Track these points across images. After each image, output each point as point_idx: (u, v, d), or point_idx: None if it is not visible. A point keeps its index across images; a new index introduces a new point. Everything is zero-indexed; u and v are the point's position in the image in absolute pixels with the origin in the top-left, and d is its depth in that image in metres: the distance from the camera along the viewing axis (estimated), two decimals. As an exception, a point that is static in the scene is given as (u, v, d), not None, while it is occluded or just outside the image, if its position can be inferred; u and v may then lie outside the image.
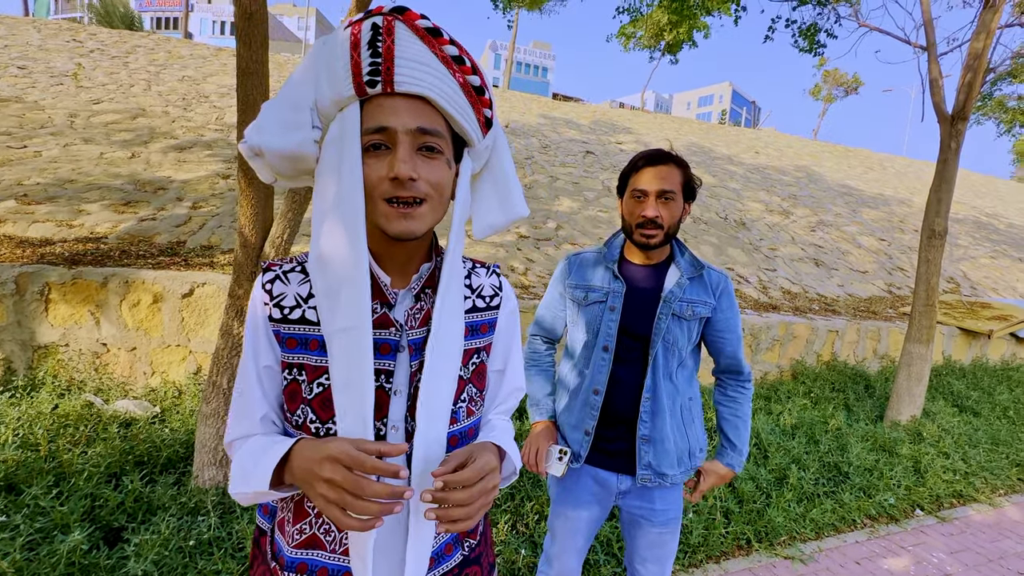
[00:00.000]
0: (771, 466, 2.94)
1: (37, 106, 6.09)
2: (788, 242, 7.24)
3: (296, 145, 0.63)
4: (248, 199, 1.97)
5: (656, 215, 1.24)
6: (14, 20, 9.99)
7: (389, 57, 0.59)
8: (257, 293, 0.70)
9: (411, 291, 0.72)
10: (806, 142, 15.49)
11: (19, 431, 2.35)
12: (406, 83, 0.61)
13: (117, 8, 25.75)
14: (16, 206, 3.96)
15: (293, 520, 0.71)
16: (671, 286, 1.30)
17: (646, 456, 1.31)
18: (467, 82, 0.65)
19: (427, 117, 0.63)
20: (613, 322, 1.31)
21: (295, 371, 0.69)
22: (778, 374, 4.55)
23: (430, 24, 0.62)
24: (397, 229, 0.63)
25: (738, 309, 1.37)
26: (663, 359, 1.30)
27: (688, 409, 1.36)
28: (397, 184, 0.61)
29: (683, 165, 1.29)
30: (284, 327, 0.68)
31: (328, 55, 0.63)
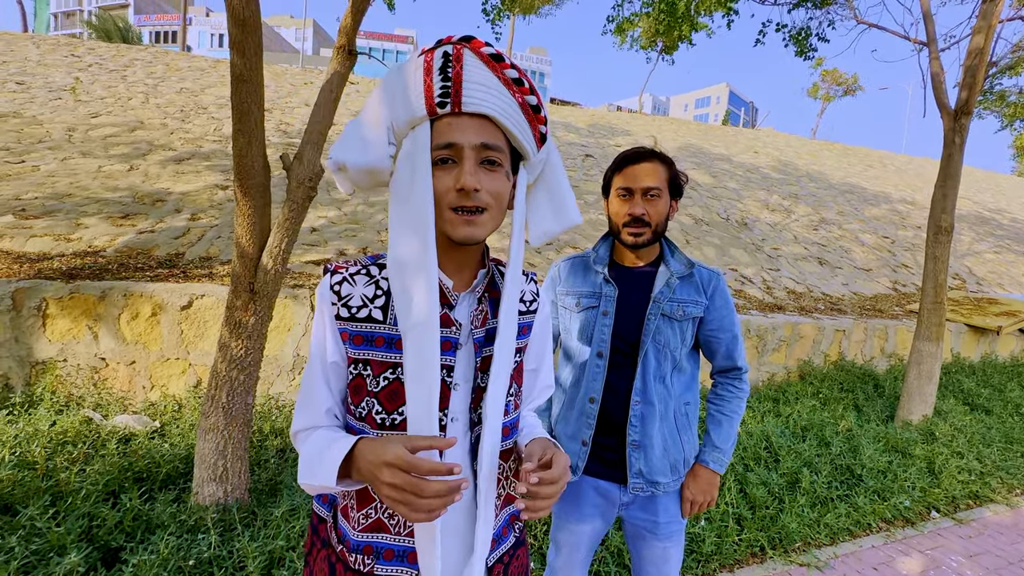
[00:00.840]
0: (783, 470, 2.88)
1: (35, 121, 6.09)
2: (791, 241, 7.20)
3: (375, 160, 0.72)
4: (244, 209, 1.93)
5: (643, 212, 1.22)
6: (13, 36, 10.04)
7: (458, 81, 0.67)
8: (325, 294, 0.76)
9: (474, 294, 0.79)
10: (805, 141, 15.47)
11: (16, 449, 2.31)
12: (472, 104, 0.68)
13: (115, 23, 25.93)
14: (14, 221, 3.94)
15: (357, 506, 0.76)
16: (661, 286, 1.27)
17: (636, 463, 1.27)
18: (525, 102, 0.72)
19: (490, 134, 0.70)
20: (607, 327, 1.28)
21: (360, 366, 0.75)
22: (785, 375, 4.49)
23: (493, 51, 0.70)
24: (462, 235, 0.70)
25: (733, 307, 1.33)
26: (655, 361, 1.26)
27: (684, 415, 1.31)
28: (463, 194, 0.68)
29: (668, 162, 1.27)
30: (352, 325, 0.75)
31: (403, 79, 0.71)
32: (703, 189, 8.44)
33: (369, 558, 0.74)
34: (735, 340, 1.32)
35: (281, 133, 7.11)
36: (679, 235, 6.38)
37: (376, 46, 53.52)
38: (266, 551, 1.83)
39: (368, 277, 0.77)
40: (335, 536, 0.79)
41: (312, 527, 0.86)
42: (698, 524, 2.35)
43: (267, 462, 2.54)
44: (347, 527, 0.76)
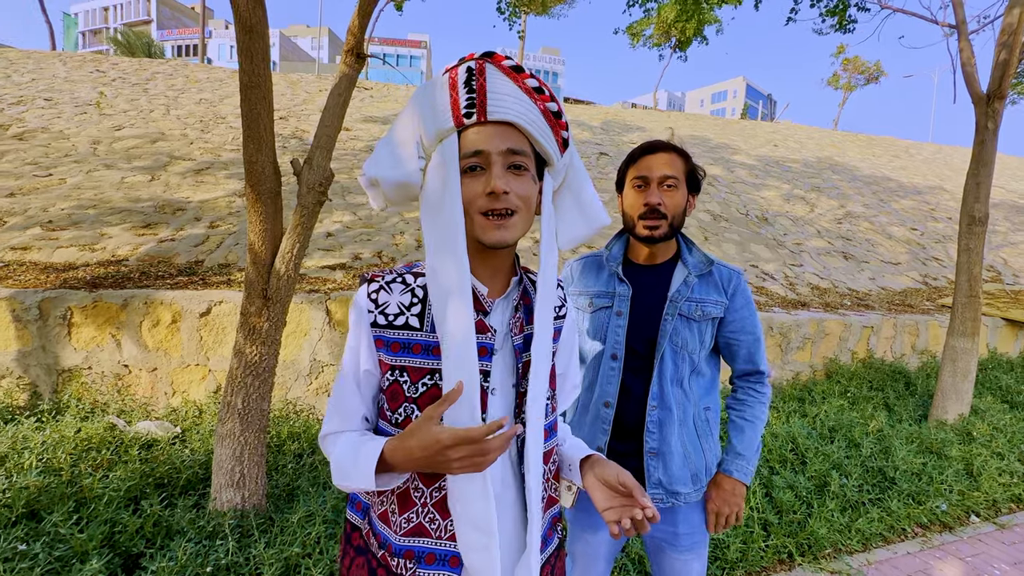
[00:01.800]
0: (810, 473, 2.78)
1: (62, 135, 6.28)
2: (814, 236, 7.00)
3: (406, 175, 0.75)
4: (257, 214, 1.94)
5: (659, 202, 1.17)
6: (42, 55, 10.40)
7: (482, 92, 0.71)
8: (362, 302, 0.78)
9: (509, 300, 0.82)
10: (826, 132, 15.08)
11: (43, 456, 2.36)
12: (497, 112, 0.72)
13: (139, 39, 26.74)
14: (41, 233, 4.06)
15: (399, 511, 0.77)
16: (678, 285, 1.22)
17: (655, 472, 1.20)
18: (547, 108, 0.75)
19: (515, 139, 0.73)
20: (620, 328, 1.22)
21: (397, 372, 0.77)
22: (811, 374, 4.35)
23: (513, 63, 0.74)
24: (493, 238, 0.72)
25: (755, 307, 1.27)
26: (672, 364, 1.20)
27: (704, 420, 1.25)
28: (492, 198, 0.71)
29: (685, 155, 1.22)
30: (389, 332, 0.77)
31: (429, 96, 0.74)
32: (721, 184, 8.27)
33: (411, 562, 0.75)
34: (757, 343, 1.26)
35: (297, 140, 7.20)
36: (696, 232, 6.26)
37: (390, 51, 54.10)
38: (282, 558, 1.83)
39: (404, 285, 0.79)
40: (375, 542, 0.80)
41: (345, 535, 0.88)
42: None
43: (284, 467, 2.55)
44: (388, 532, 0.78)
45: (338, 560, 0.92)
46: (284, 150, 6.53)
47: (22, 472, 2.18)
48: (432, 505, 0.75)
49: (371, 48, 1.74)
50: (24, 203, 4.52)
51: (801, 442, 3.04)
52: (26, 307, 2.99)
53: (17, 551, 1.71)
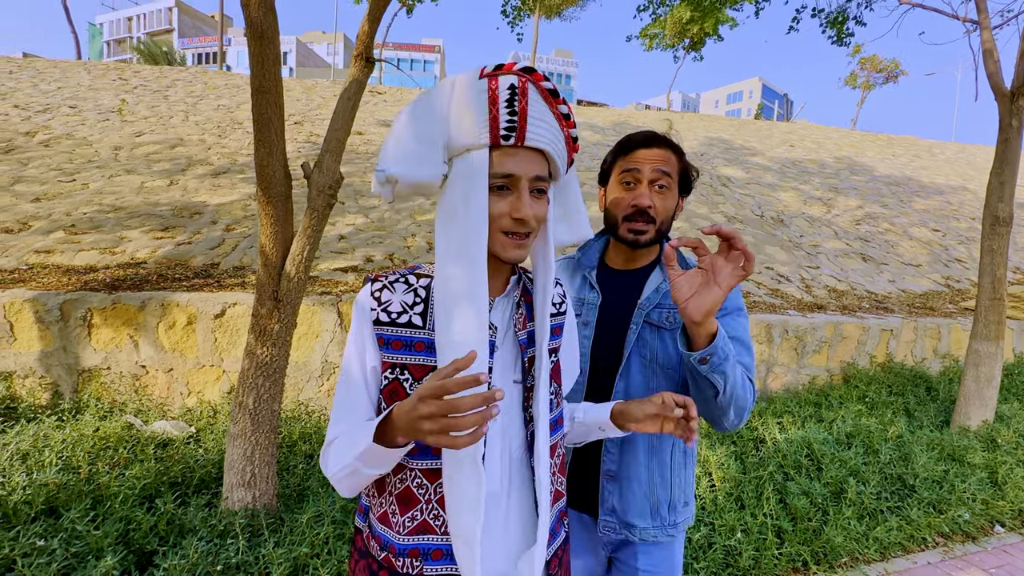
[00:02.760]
0: (826, 479, 2.71)
1: (86, 141, 6.45)
2: (831, 237, 6.87)
3: (428, 176, 0.74)
4: (268, 217, 1.96)
5: (650, 204, 1.05)
6: (68, 64, 10.72)
7: (523, 116, 0.71)
8: (365, 301, 0.79)
9: (510, 298, 0.84)
10: (844, 132, 14.82)
11: (63, 454, 2.41)
12: (534, 140, 0.72)
13: (160, 48, 27.43)
14: (64, 236, 4.17)
15: (400, 511, 0.77)
16: (649, 291, 1.09)
17: (610, 498, 1.08)
18: (569, 135, 0.78)
19: (542, 166, 0.75)
20: (586, 339, 1.10)
21: (398, 371, 0.77)
22: (828, 378, 4.26)
23: (551, 86, 0.74)
24: (513, 257, 0.75)
25: (740, 308, 1.08)
26: (641, 378, 1.06)
27: (682, 450, 1.11)
28: (518, 222, 0.73)
29: (680, 152, 1.11)
30: (391, 330, 0.77)
31: (463, 102, 0.72)
32: (735, 185, 8.17)
33: (417, 560, 0.75)
34: (742, 347, 1.04)
35: (311, 144, 7.30)
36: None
37: (404, 56, 54.63)
38: (291, 558, 1.84)
39: (407, 285, 0.80)
40: (375, 544, 0.79)
41: (352, 539, 0.90)
42: (733, 537, 2.23)
43: (295, 468, 2.58)
44: (389, 534, 0.78)
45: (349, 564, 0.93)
46: (299, 154, 6.62)
47: (42, 469, 2.23)
48: (436, 502, 0.75)
49: (385, 53, 1.74)
50: (48, 207, 4.66)
51: (816, 448, 2.97)
52: (48, 308, 3.07)
53: (36, 547, 1.75)
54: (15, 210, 4.54)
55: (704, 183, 8.05)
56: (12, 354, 3.09)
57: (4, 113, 7.13)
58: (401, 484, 0.77)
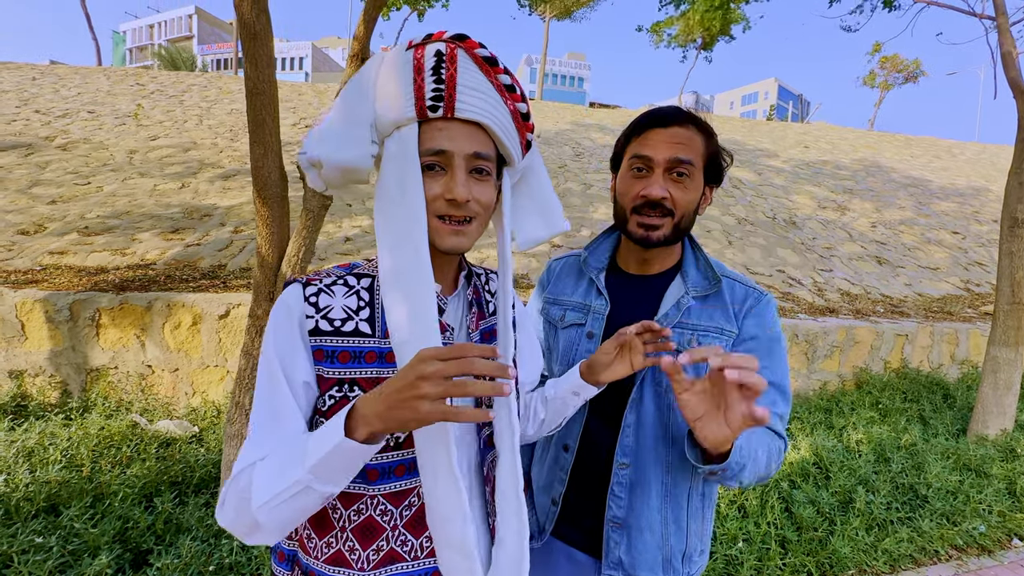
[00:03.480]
0: (834, 488, 2.64)
1: (102, 145, 6.60)
2: (845, 240, 6.73)
3: (355, 159, 0.67)
4: (264, 219, 1.97)
5: (663, 195, 0.87)
6: (88, 70, 10.99)
7: (451, 84, 0.64)
8: (297, 306, 0.67)
9: (462, 297, 0.78)
10: (861, 133, 14.54)
11: (67, 451, 2.45)
12: (466, 110, 0.65)
13: (180, 54, 28.04)
14: (78, 238, 4.25)
15: (363, 544, 0.68)
16: (669, 306, 0.92)
17: (616, 549, 0.92)
18: (516, 109, 0.70)
19: (481, 142, 0.67)
20: (590, 354, 0.93)
21: (347, 387, 0.66)
22: (839, 384, 4.16)
23: (488, 53, 0.66)
24: (449, 244, 0.67)
25: (781, 343, 0.91)
26: (654, 409, 0.90)
27: (700, 495, 0.94)
28: (452, 204, 0.66)
29: (709, 132, 0.91)
30: (335, 340, 0.67)
31: (389, 76, 0.66)
32: (747, 187, 8.06)
33: None
34: (778, 394, 0.88)
35: (321, 147, 7.37)
36: (720, 235, 6.10)
37: (417, 60, 54.98)
38: (283, 559, 1.84)
39: (347, 287, 0.71)
40: None
41: None
42: (735, 546, 2.18)
43: (294, 468, 2.58)
44: (349, 573, 0.68)
45: None
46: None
47: (46, 467, 2.26)
48: (404, 526, 0.69)
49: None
50: (63, 210, 4.76)
51: (825, 455, 2.90)
52: (58, 308, 3.13)
53: (34, 544, 1.78)
54: (31, 212, 4.65)
55: (715, 185, 7.94)
56: (23, 353, 3.16)
57: (26, 118, 7.33)
58: (359, 516, 0.68)
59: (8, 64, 10.74)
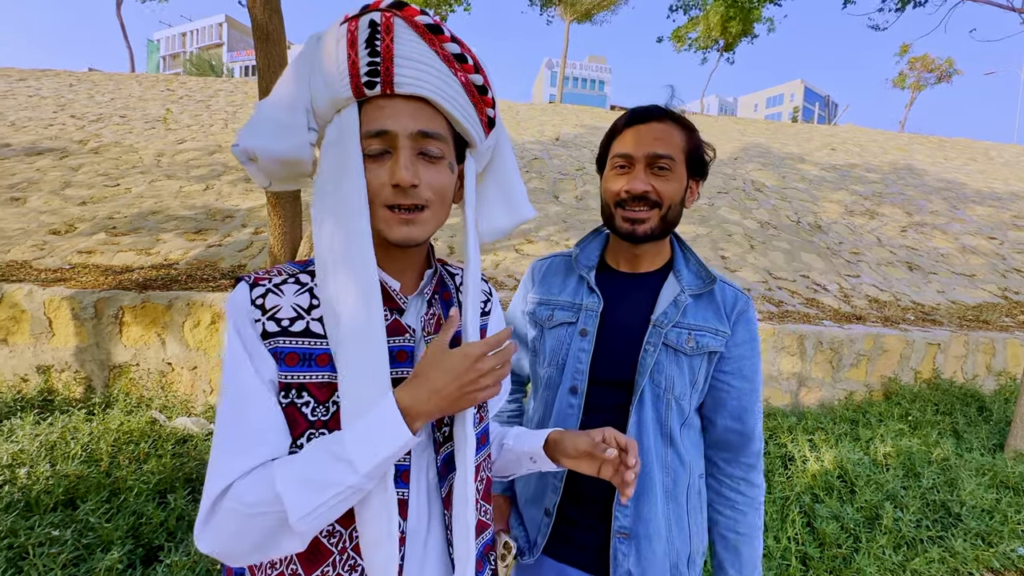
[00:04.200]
0: (859, 503, 2.52)
1: (132, 149, 6.80)
2: (873, 245, 6.51)
3: (292, 148, 0.61)
4: (277, 220, 1.98)
5: (646, 188, 0.88)
6: (121, 77, 11.38)
7: (388, 56, 0.57)
8: (243, 308, 0.61)
9: (422, 297, 0.71)
10: (891, 135, 14.10)
11: (88, 446, 2.50)
12: (406, 84, 0.58)
13: (209, 61, 28.91)
14: (105, 238, 4.38)
15: (306, 570, 0.61)
16: (666, 304, 0.92)
17: (625, 561, 0.89)
18: (469, 81, 0.62)
19: (428, 119, 0.61)
20: (584, 353, 0.93)
21: (293, 393, 0.60)
22: (866, 394, 4.00)
23: (430, 20, 0.59)
24: (398, 235, 0.61)
25: (759, 347, 0.95)
26: (653, 411, 0.90)
27: (698, 491, 0.95)
28: (399, 191, 0.60)
29: (687, 127, 0.93)
30: (284, 341, 0.60)
31: (323, 53, 0.60)
32: (770, 190, 7.87)
33: None
34: (752, 396, 0.93)
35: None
36: (742, 240, 5.96)
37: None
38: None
39: (299, 286, 0.64)
40: None
41: None
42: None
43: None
44: None
45: None
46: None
47: (66, 461, 2.31)
48: (352, 549, 0.61)
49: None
50: (93, 210, 4.91)
51: (850, 469, 2.78)
52: (84, 306, 3.22)
53: (50, 537, 1.81)
54: (63, 213, 4.81)
55: (737, 188, 7.79)
56: (50, 349, 3.25)
57: (61, 123, 7.61)
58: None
59: (48, 71, 11.20)
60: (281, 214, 1.91)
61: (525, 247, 5.08)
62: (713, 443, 0.97)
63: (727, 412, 0.93)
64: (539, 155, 8.09)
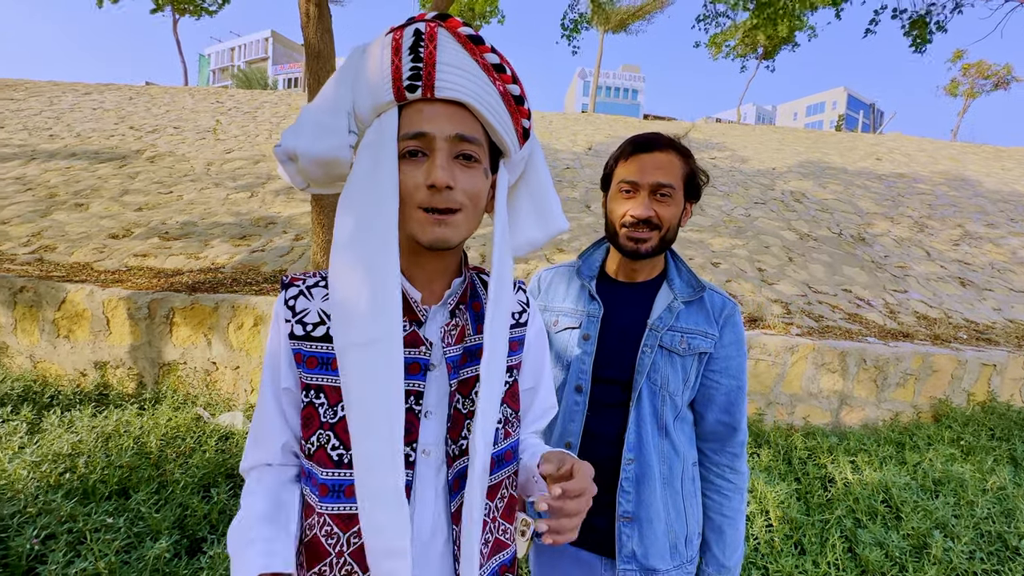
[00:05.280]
0: (905, 530, 2.40)
1: (184, 158, 7.19)
2: (922, 259, 6.21)
3: (331, 149, 0.62)
4: (319, 225, 2.06)
5: (650, 214, 0.98)
6: (176, 90, 12.06)
7: (431, 62, 0.59)
8: (279, 309, 0.67)
9: (445, 307, 0.69)
10: (943, 144, 13.45)
11: (139, 439, 2.64)
12: (447, 88, 0.59)
13: (256, 74, 30.27)
14: (159, 242, 4.64)
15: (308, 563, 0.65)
16: (660, 310, 1.02)
17: (628, 542, 0.99)
18: (507, 91, 0.64)
19: (466, 124, 0.62)
20: (587, 355, 1.03)
21: (312, 393, 0.65)
22: (914, 415, 3.81)
23: (472, 32, 0.61)
24: (431, 238, 0.61)
25: (745, 348, 1.06)
26: (650, 406, 1.00)
27: (691, 478, 1.05)
28: (434, 192, 0.60)
29: (686, 154, 1.03)
30: (306, 345, 0.65)
31: (368, 60, 0.62)
32: (809, 201, 7.64)
33: None
34: (739, 393, 1.04)
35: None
36: (780, 252, 5.80)
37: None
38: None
39: (327, 290, 0.67)
40: None
41: None
42: (791, 584, 2.02)
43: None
44: None
45: None
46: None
47: (120, 453, 2.45)
48: (350, 555, 0.63)
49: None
50: (148, 216, 5.21)
51: (896, 493, 2.65)
52: (138, 306, 3.41)
53: (105, 523, 1.92)
54: (121, 218, 5.12)
55: (775, 199, 7.59)
56: (107, 346, 3.46)
57: (121, 134, 8.12)
58: (310, 531, 0.65)
59: (111, 85, 11.97)
60: (324, 222, 1.99)
61: (557, 256, 5.09)
62: (703, 435, 1.07)
63: (716, 406, 1.04)
64: (571, 165, 8.10)
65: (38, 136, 7.76)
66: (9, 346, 3.55)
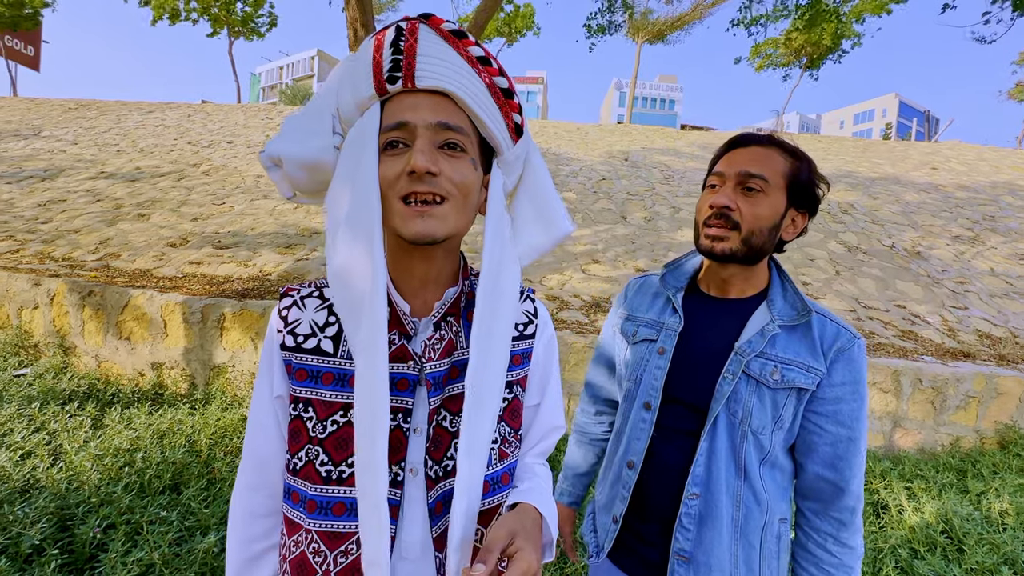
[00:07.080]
0: (968, 564, 2.24)
1: (236, 171, 7.58)
2: (984, 274, 5.83)
3: (315, 151, 0.61)
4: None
5: (727, 203, 0.85)
6: (229, 107, 12.76)
7: (411, 54, 0.57)
8: (273, 320, 0.66)
9: (432, 319, 0.65)
10: (1007, 152, 12.64)
11: (191, 437, 2.78)
12: (427, 77, 0.57)
13: (300, 91, 31.74)
14: (212, 251, 4.89)
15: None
16: (752, 333, 0.88)
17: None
18: (494, 83, 0.61)
19: (450, 113, 0.59)
20: (660, 371, 0.92)
21: (301, 407, 0.63)
22: (976, 441, 3.56)
23: (454, 27, 0.60)
24: (413, 230, 0.57)
25: (864, 392, 0.85)
26: (727, 440, 0.86)
27: (776, 536, 0.88)
28: (414, 179, 0.56)
29: (795, 154, 0.89)
30: (296, 357, 0.63)
31: (352, 62, 0.62)
32: (859, 212, 7.32)
33: None
34: (850, 445, 0.84)
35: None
36: (826, 265, 5.57)
37: (508, 89, 57.33)
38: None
39: (320, 300, 0.66)
40: None
41: None
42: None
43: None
44: None
45: None
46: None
47: (173, 450, 2.59)
48: (336, 574, 0.61)
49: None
50: (203, 226, 5.51)
51: (958, 524, 2.47)
52: (193, 311, 3.61)
53: (159, 517, 2.02)
54: (179, 228, 5.44)
55: (821, 210, 7.31)
56: (163, 348, 3.66)
57: (180, 148, 8.65)
58: (296, 548, 0.63)
59: (172, 104, 12.80)
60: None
61: (592, 267, 5.06)
62: (802, 490, 0.91)
63: (818, 457, 0.86)
64: (607, 176, 8.07)
65: (107, 151, 8.37)
66: (77, 346, 3.81)
